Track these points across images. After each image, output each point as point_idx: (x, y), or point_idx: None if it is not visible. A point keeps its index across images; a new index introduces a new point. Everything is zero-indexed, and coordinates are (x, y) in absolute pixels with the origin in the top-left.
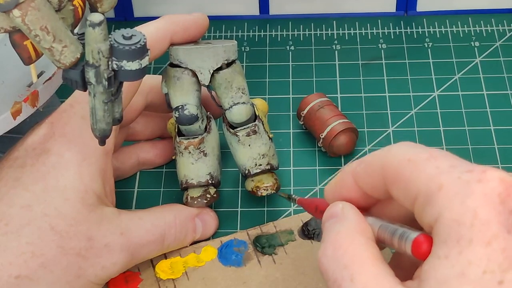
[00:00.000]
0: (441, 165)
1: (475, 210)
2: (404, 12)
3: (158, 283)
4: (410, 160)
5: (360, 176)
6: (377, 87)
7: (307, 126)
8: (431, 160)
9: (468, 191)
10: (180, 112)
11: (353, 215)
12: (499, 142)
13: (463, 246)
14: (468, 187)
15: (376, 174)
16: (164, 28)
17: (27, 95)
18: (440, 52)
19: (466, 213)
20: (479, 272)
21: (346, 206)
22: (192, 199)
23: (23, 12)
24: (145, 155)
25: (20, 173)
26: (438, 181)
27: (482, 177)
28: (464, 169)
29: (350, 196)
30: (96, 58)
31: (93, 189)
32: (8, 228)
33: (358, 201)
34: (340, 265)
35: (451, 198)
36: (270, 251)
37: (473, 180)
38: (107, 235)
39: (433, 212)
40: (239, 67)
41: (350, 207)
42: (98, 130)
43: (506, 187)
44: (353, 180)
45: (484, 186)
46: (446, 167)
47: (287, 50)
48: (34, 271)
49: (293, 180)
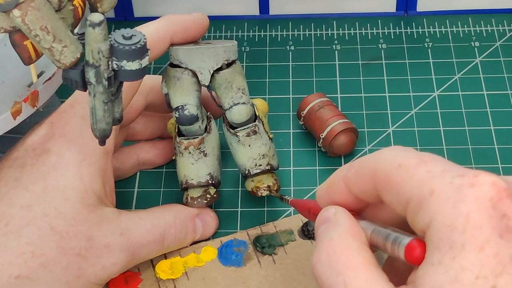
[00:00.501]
0: (432, 170)
1: (468, 214)
2: (404, 12)
3: (158, 283)
4: (401, 165)
5: (351, 181)
6: (377, 87)
7: (307, 126)
8: (422, 165)
9: (460, 195)
10: (180, 112)
11: (345, 219)
12: (499, 142)
13: (456, 251)
14: (460, 191)
15: (367, 179)
16: (164, 28)
17: (27, 95)
18: (440, 52)
19: (458, 218)
20: (472, 278)
21: (339, 210)
22: (192, 199)
23: (23, 12)
24: (145, 155)
25: (20, 173)
26: (430, 186)
27: (474, 181)
28: (456, 173)
29: (341, 200)
30: (96, 58)
31: (93, 189)
32: (8, 228)
33: (350, 205)
34: (334, 271)
35: (443, 203)
36: (270, 251)
37: (465, 185)
38: (107, 235)
39: (425, 217)
40: (239, 67)
41: (343, 211)
42: (98, 130)
43: (498, 191)
44: (344, 185)
45: (476, 191)
46: (437, 172)
47: (287, 50)
48: (34, 271)
49: (293, 180)
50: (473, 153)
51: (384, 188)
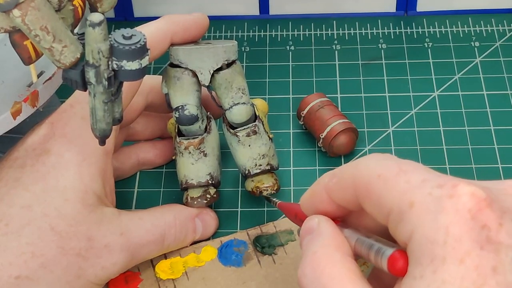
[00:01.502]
0: (411, 180)
1: (447, 227)
2: (404, 12)
3: (158, 283)
4: (380, 176)
5: (333, 191)
6: (377, 87)
7: (307, 126)
8: (401, 175)
9: (439, 207)
10: (180, 112)
11: (328, 230)
12: (499, 142)
13: (437, 265)
14: (439, 203)
15: (348, 189)
16: (164, 28)
17: (27, 95)
18: (440, 52)
19: (438, 231)
20: None
21: (322, 220)
22: (192, 199)
23: (23, 12)
24: (145, 155)
25: (20, 173)
26: (409, 198)
27: (453, 192)
28: (435, 183)
29: (325, 209)
30: (96, 58)
31: (93, 189)
32: (8, 228)
33: (334, 213)
34: (319, 285)
35: (422, 215)
36: (270, 251)
37: (444, 196)
38: (107, 235)
39: (406, 230)
40: (239, 67)
41: (326, 221)
42: (98, 130)
43: (477, 201)
44: (326, 194)
45: (455, 202)
46: (417, 182)
47: (287, 50)
48: (34, 271)
49: (293, 180)
50: (473, 153)
51: (365, 199)
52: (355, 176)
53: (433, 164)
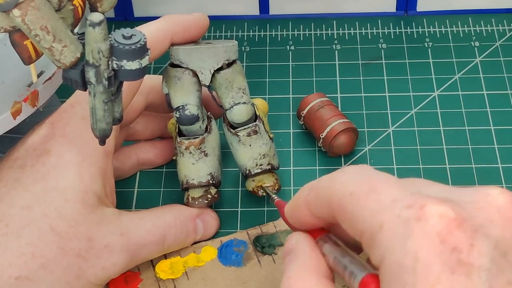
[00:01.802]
0: (382, 199)
1: (416, 252)
2: (404, 12)
3: (158, 283)
4: (352, 194)
5: (312, 205)
6: (377, 87)
7: (307, 126)
8: (372, 194)
9: (407, 231)
10: (181, 112)
11: (305, 251)
12: (499, 142)
13: None
14: (408, 226)
15: (324, 204)
16: (164, 28)
17: (27, 95)
18: (440, 52)
19: (407, 256)
20: None
21: (300, 239)
22: (193, 199)
23: (23, 12)
24: (145, 155)
25: (20, 173)
26: (379, 219)
27: (421, 214)
28: (404, 204)
29: (307, 222)
30: (96, 57)
31: (93, 190)
32: (8, 229)
33: (315, 224)
34: None
35: (392, 239)
36: (270, 251)
37: (412, 218)
38: (107, 235)
39: (377, 254)
40: (239, 67)
41: (304, 240)
42: (98, 130)
43: (446, 223)
44: (306, 208)
45: (423, 225)
46: (387, 202)
47: (287, 50)
48: (34, 272)
49: (293, 180)
50: (473, 153)
51: (340, 215)
52: (330, 193)
53: (433, 164)
